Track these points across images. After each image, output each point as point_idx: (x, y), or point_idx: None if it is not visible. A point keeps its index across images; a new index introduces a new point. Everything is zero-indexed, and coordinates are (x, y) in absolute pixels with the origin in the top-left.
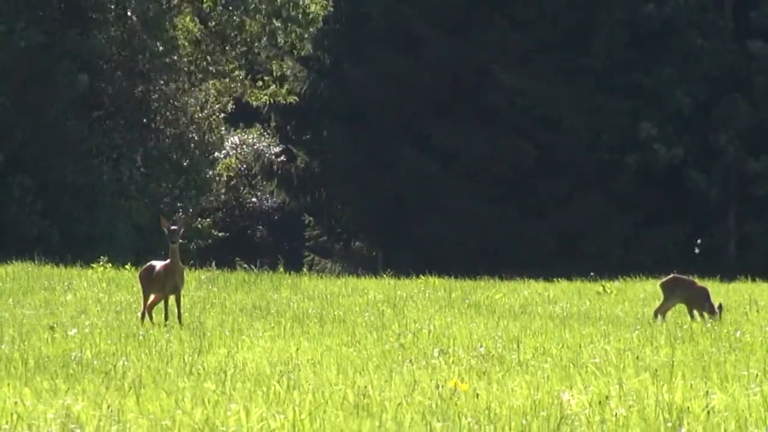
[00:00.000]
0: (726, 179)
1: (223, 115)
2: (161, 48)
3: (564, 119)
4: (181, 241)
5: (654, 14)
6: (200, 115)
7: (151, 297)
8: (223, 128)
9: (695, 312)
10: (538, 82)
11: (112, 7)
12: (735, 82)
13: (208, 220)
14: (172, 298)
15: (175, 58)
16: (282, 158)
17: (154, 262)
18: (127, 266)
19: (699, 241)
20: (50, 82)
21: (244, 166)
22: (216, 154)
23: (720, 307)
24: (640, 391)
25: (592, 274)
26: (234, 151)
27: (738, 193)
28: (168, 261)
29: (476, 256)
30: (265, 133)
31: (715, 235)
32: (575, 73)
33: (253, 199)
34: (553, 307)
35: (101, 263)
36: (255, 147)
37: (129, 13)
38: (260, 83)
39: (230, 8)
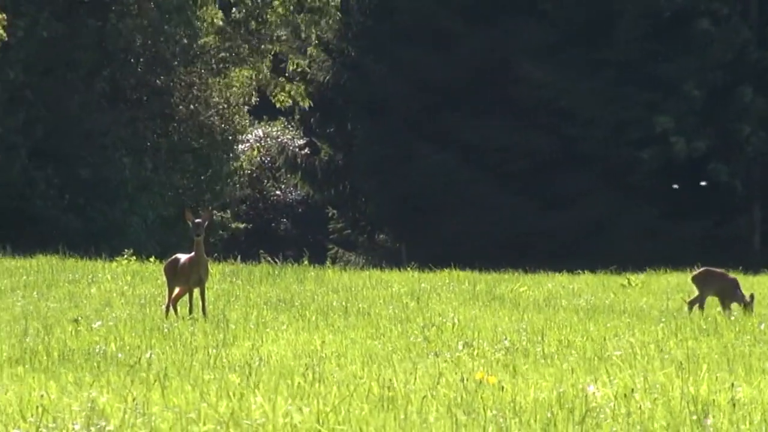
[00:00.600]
0: (749, 170)
1: (247, 107)
2: (184, 38)
3: (584, 112)
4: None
5: (670, 5)
6: (223, 105)
7: (176, 290)
8: (246, 120)
9: (727, 303)
10: (559, 75)
11: None
12: (756, 71)
13: (227, 213)
14: (196, 291)
15: (197, 46)
16: (306, 151)
17: (178, 255)
18: (151, 259)
19: None
20: (72, 74)
21: (268, 158)
22: (240, 147)
23: (752, 297)
24: (665, 383)
25: (614, 267)
26: (258, 144)
27: (762, 184)
28: (192, 254)
29: (498, 248)
30: (289, 126)
31: (739, 227)
32: (596, 66)
33: (277, 192)
34: (578, 300)
35: (125, 256)
36: (279, 140)
37: (152, 5)
38: (282, 78)
39: None
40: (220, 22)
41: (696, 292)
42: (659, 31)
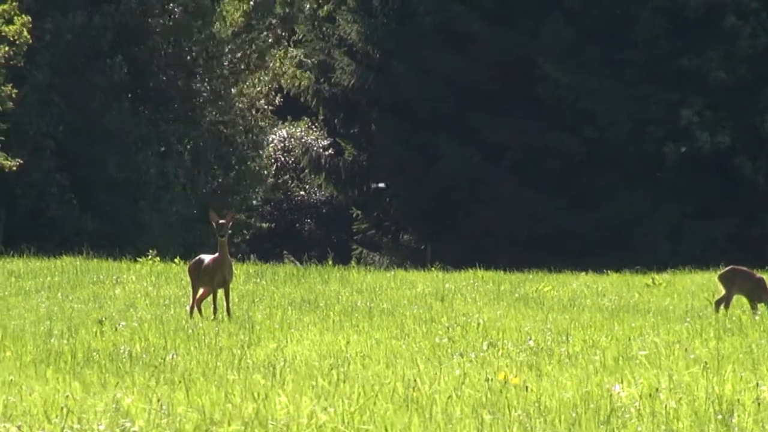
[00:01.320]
0: None
1: (270, 107)
2: (206, 39)
3: (609, 110)
4: (230, 232)
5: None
6: (242, 105)
7: (200, 291)
8: (269, 120)
9: (754, 302)
10: (581, 73)
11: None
12: None
13: (250, 213)
14: (220, 292)
15: (221, 42)
16: (330, 151)
17: (203, 256)
18: (176, 260)
19: None
20: (95, 75)
21: (292, 159)
22: (267, 146)
23: None
24: (690, 383)
25: (639, 267)
26: (282, 144)
27: None
28: (217, 254)
29: (524, 248)
30: (313, 127)
31: (765, 224)
32: (618, 64)
33: (301, 193)
34: (602, 300)
35: (150, 257)
36: (303, 140)
37: (174, 8)
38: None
39: None
40: (241, 18)
41: (722, 291)
42: (683, 26)
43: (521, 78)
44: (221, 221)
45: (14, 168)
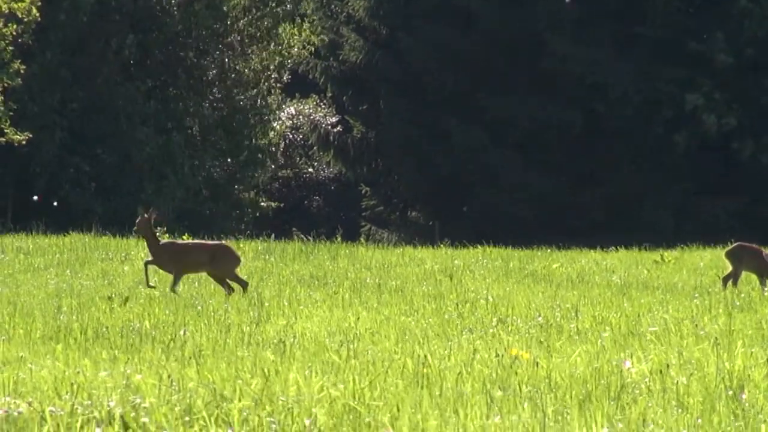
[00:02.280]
0: None
1: (279, 84)
2: (215, 22)
3: (616, 88)
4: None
5: None
6: (250, 77)
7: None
8: (279, 97)
9: (763, 279)
10: (590, 51)
11: None
12: None
13: (258, 190)
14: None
15: (230, 18)
16: (338, 129)
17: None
18: (184, 237)
19: None
20: (102, 48)
21: (301, 136)
22: (275, 122)
23: None
24: (700, 359)
25: (647, 244)
26: (290, 121)
27: None
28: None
29: (530, 225)
30: (321, 104)
31: None
32: (628, 42)
33: (310, 170)
34: (611, 276)
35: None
36: (311, 117)
37: None
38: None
39: None
40: None
41: (730, 268)
42: (695, 5)
43: (530, 55)
44: (138, 220)
45: (23, 142)
